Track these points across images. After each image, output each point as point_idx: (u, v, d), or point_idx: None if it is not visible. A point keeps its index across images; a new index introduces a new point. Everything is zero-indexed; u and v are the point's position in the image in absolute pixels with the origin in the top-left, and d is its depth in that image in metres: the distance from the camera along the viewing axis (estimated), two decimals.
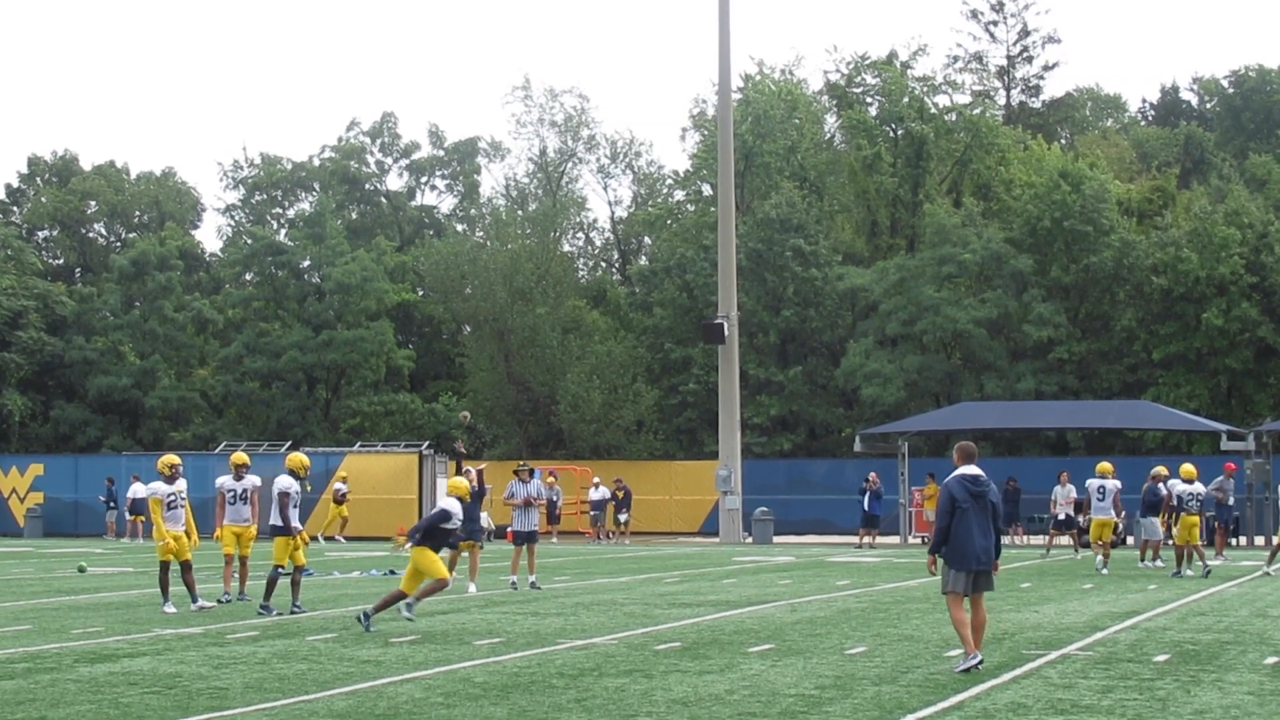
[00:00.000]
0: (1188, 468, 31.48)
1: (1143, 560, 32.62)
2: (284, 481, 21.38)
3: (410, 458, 53.75)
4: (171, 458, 22.13)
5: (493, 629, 18.88)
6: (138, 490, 51.44)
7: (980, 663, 14.76)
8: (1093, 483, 32.01)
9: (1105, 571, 30.33)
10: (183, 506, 21.62)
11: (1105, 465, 32.93)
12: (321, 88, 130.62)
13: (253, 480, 23.21)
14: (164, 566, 21.36)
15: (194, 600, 21.54)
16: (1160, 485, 32.18)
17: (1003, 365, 57.64)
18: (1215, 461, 42.97)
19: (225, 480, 23.15)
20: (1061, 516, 37.82)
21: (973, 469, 15.26)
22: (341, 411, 68.98)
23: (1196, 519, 30.35)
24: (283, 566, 21.17)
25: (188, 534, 21.63)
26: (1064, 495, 37.70)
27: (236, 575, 23.36)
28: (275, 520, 21.24)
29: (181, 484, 21.68)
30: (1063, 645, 16.91)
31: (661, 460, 58.60)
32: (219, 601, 22.32)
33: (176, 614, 20.81)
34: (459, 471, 26.83)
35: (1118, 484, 32.19)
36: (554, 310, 62.85)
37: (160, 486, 21.43)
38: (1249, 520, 45.92)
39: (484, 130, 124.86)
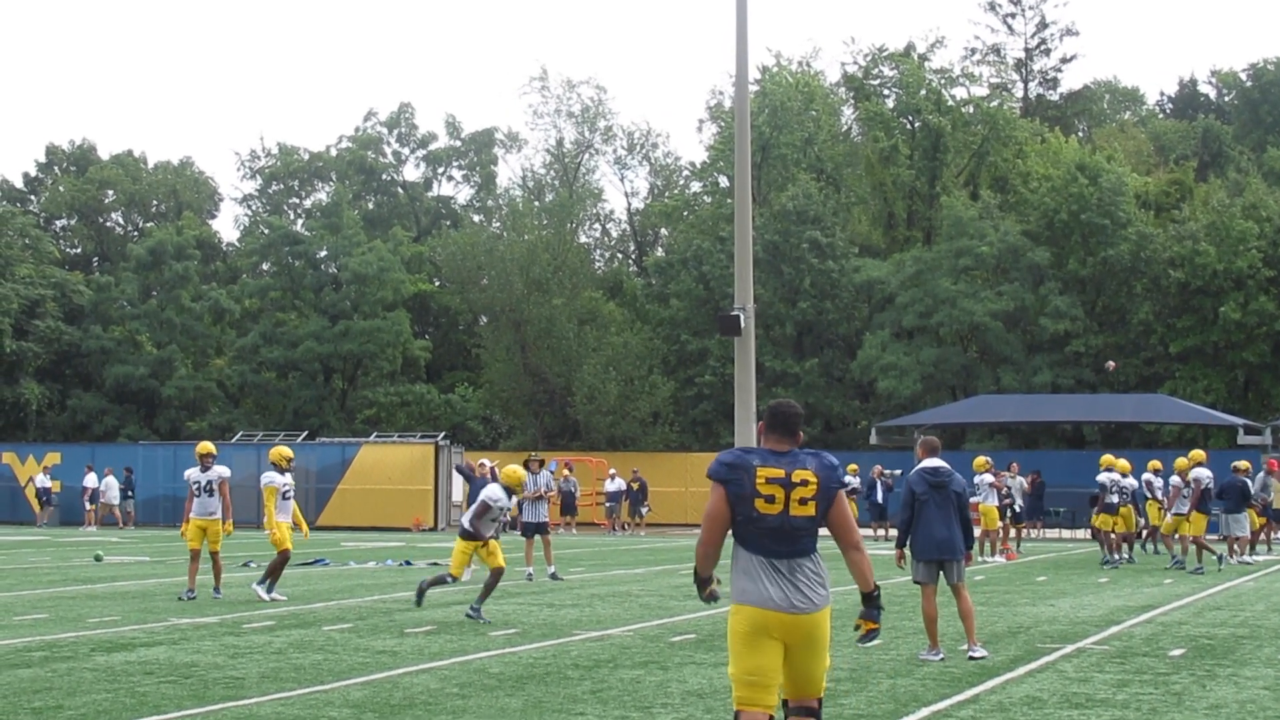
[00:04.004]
0: (1123, 463, 31.71)
1: (1232, 557, 32.16)
2: (493, 493, 19.32)
3: (426, 448, 53.76)
4: (288, 451, 22.36)
5: (508, 620, 18.89)
6: (91, 480, 52.28)
7: (942, 659, 14.88)
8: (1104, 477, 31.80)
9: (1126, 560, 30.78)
10: (292, 498, 22.02)
11: (1124, 464, 32.64)
12: (339, 78, 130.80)
13: (220, 471, 22.42)
14: (284, 555, 21.69)
15: (217, 591, 21.92)
16: (1248, 479, 32.34)
17: (1019, 358, 57.56)
18: (1230, 455, 42.72)
19: (192, 472, 22.44)
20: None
21: (934, 461, 15.33)
22: (358, 402, 69.09)
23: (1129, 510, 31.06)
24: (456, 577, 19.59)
25: (296, 526, 21.97)
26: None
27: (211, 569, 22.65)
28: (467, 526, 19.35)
29: (290, 476, 22.08)
30: (1078, 639, 16.88)
31: (677, 452, 58.59)
32: (179, 598, 21.66)
33: (287, 599, 21.35)
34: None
35: (1134, 482, 32.07)
36: (570, 301, 62.88)
37: (276, 477, 21.72)
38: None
39: (501, 121, 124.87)
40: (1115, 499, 31.09)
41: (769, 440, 8.31)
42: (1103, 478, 31.22)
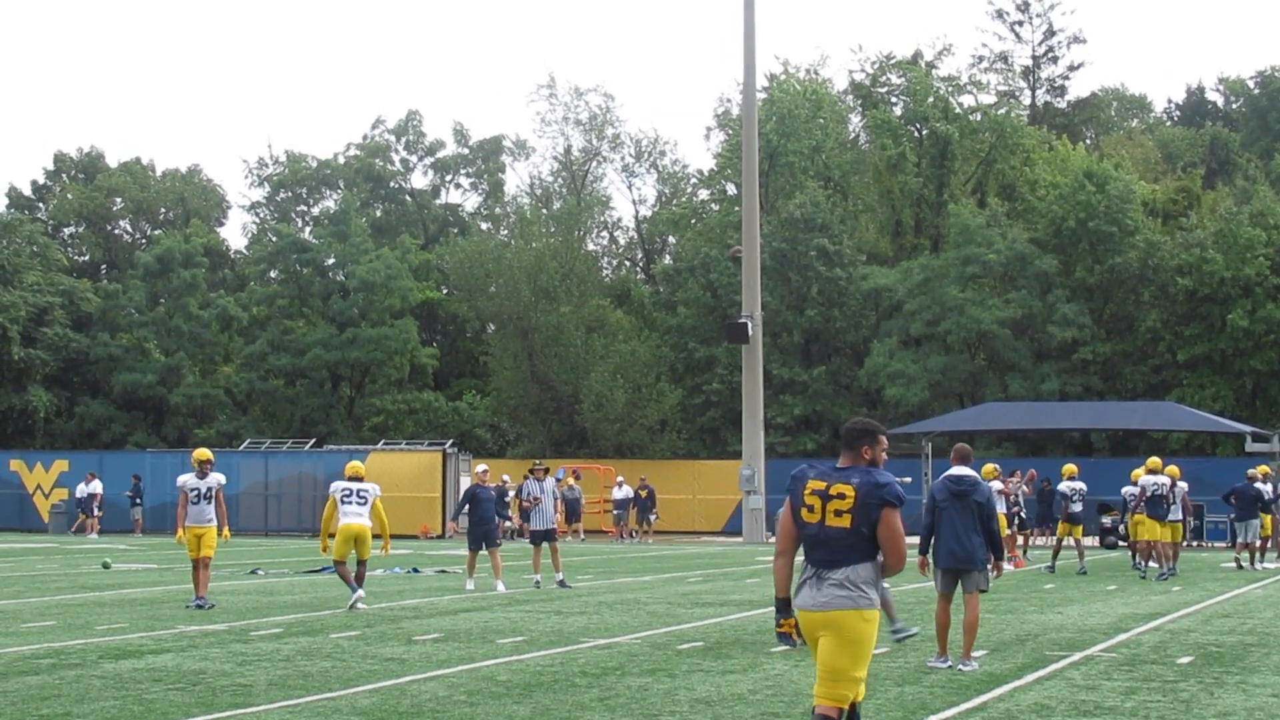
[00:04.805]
0: (1139, 471, 31.44)
1: (1241, 563, 31.98)
2: None
3: (434, 456, 53.76)
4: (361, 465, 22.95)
5: (516, 627, 18.90)
6: (96, 487, 52.43)
7: (949, 666, 14.89)
8: (1132, 486, 31.58)
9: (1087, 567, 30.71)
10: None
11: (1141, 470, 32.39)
12: (346, 86, 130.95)
13: (217, 478, 22.30)
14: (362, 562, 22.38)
15: (203, 599, 21.85)
16: (1262, 485, 32.15)
17: (1027, 366, 57.51)
18: (1239, 463, 42.64)
19: (188, 479, 22.20)
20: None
21: (960, 469, 15.20)
22: (365, 409, 69.09)
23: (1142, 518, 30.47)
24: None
25: (334, 534, 22.36)
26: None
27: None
28: None
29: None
30: (1086, 647, 16.88)
31: (685, 460, 58.59)
32: (187, 606, 21.60)
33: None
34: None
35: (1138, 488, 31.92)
36: (578, 309, 62.85)
37: (376, 489, 22.39)
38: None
39: (509, 129, 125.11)
40: (1079, 508, 31.11)
41: (841, 456, 9.03)
42: (1063, 486, 31.26)
